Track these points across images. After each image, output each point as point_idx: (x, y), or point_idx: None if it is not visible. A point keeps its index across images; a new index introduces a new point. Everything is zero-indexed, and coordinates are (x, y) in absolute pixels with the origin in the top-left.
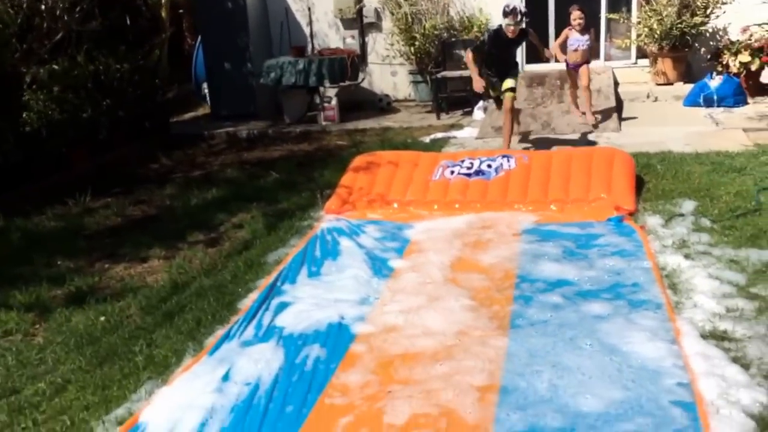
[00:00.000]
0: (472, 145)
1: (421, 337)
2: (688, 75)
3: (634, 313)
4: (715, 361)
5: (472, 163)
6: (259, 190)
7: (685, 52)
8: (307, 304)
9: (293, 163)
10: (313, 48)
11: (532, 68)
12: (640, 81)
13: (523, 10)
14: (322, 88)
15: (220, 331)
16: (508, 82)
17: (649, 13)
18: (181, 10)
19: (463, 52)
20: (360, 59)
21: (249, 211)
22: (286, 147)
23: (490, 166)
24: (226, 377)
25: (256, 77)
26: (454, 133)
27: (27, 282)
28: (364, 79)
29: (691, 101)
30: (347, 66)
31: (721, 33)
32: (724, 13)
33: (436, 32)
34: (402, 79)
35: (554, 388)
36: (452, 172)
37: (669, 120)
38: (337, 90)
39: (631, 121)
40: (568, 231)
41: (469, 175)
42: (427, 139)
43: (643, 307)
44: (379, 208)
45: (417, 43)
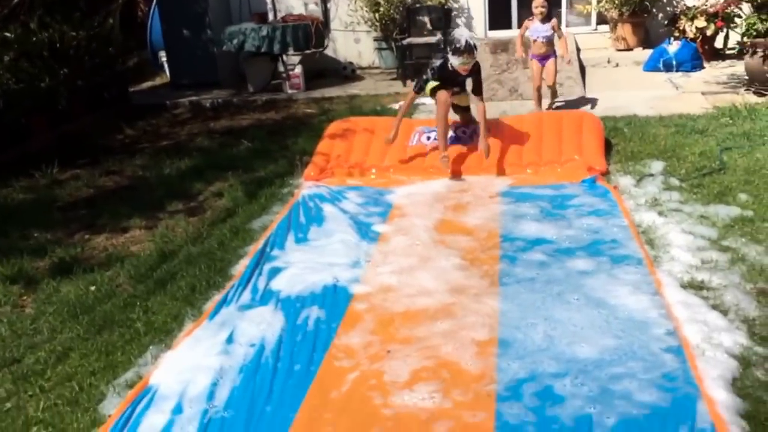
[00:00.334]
0: None
1: (418, 297)
2: (647, 41)
3: (616, 268)
4: (696, 309)
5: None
6: (234, 159)
7: (644, 17)
8: (300, 268)
9: (264, 132)
10: (275, 14)
11: (495, 34)
12: (600, 47)
13: (476, 44)
14: (285, 56)
15: (217, 297)
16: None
17: None
18: None
19: (427, 19)
20: (324, 26)
21: (226, 179)
22: (254, 116)
23: (465, 132)
24: (230, 340)
25: (218, 44)
26: (422, 100)
27: (5, 254)
28: (327, 46)
29: (651, 66)
30: (311, 33)
31: None
32: None
33: None
34: (366, 46)
35: (549, 338)
36: (428, 138)
37: (631, 85)
38: (300, 57)
39: (594, 86)
40: (544, 192)
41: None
42: (396, 106)
43: (624, 262)
44: (358, 175)
45: (381, 9)
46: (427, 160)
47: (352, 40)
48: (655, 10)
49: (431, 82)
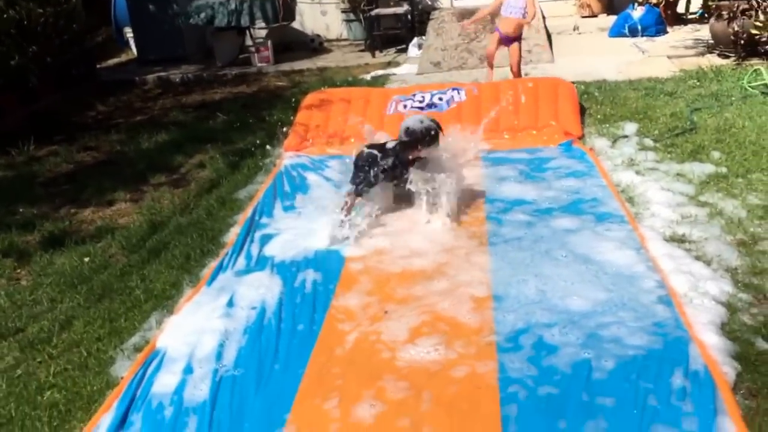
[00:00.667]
0: (413, 81)
1: (412, 258)
2: (611, 7)
3: (600, 225)
4: (681, 260)
5: (424, 97)
6: (211, 132)
7: None
8: (291, 235)
9: (238, 105)
10: None
11: (461, 4)
12: (565, 14)
13: (434, 127)
14: (252, 30)
15: (213, 263)
16: None
17: None
18: None
19: None
20: None
21: (206, 152)
22: (225, 90)
23: (441, 99)
24: (231, 304)
25: (185, 19)
26: (393, 70)
27: None
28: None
29: (616, 32)
30: (280, 6)
31: None
32: None
33: None
34: (332, 18)
35: (542, 293)
36: (405, 106)
37: (598, 50)
38: (267, 31)
39: (562, 52)
40: (522, 156)
41: (422, 108)
42: (368, 77)
43: (607, 219)
44: (338, 144)
45: None
46: None
47: (319, 13)
48: None
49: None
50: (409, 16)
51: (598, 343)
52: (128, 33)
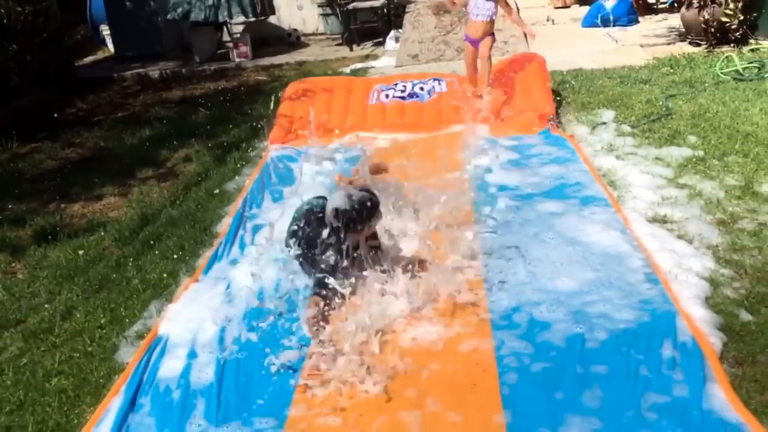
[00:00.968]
0: (392, 73)
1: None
2: None
3: (585, 209)
4: (664, 239)
5: (405, 86)
6: (195, 126)
7: None
8: (281, 224)
9: (219, 100)
10: None
11: None
12: (538, 5)
13: (367, 197)
14: (230, 25)
15: (208, 253)
16: None
17: None
18: None
19: None
20: None
21: (191, 146)
22: (205, 85)
23: (422, 89)
24: (229, 290)
25: (163, 14)
26: (372, 63)
27: None
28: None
29: (589, 22)
30: (257, 1)
31: None
32: None
33: None
34: (309, 12)
35: (532, 274)
36: (387, 96)
37: (572, 41)
38: (245, 26)
39: (537, 43)
40: (504, 144)
41: (404, 98)
42: (347, 70)
43: (591, 203)
44: (321, 135)
45: None
46: (387, 117)
47: (295, 7)
48: None
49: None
50: (386, 10)
51: (589, 319)
52: (104, 30)
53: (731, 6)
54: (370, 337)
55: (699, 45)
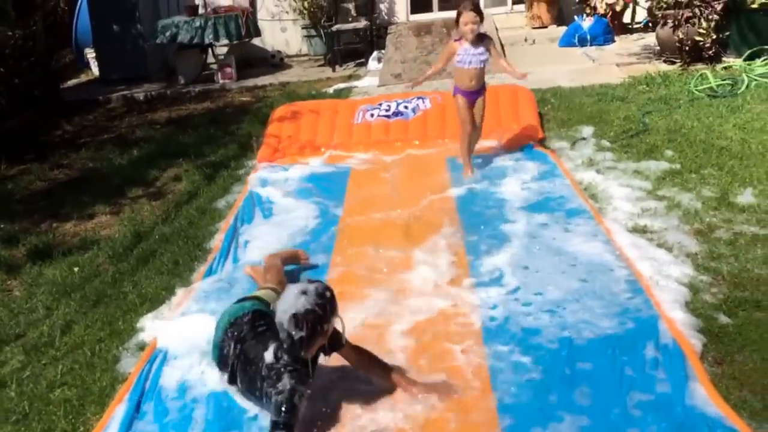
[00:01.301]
0: (375, 93)
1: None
2: (560, 18)
3: (569, 220)
4: (645, 248)
5: (390, 106)
6: (182, 147)
7: None
8: (272, 239)
9: (206, 120)
10: (206, 6)
11: (417, 18)
12: (516, 26)
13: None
14: (215, 47)
15: (202, 268)
16: None
17: None
18: None
19: (352, 5)
20: (254, 16)
21: (179, 166)
22: (191, 106)
23: (407, 107)
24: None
25: (152, 38)
26: (355, 83)
27: None
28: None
29: (567, 42)
30: (243, 22)
31: None
32: None
33: None
34: (292, 34)
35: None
36: (372, 115)
37: (550, 60)
38: (229, 48)
39: (516, 62)
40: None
41: (388, 117)
42: (331, 90)
43: (575, 215)
44: (310, 153)
45: None
46: (372, 135)
47: (279, 29)
48: None
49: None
50: (368, 31)
51: (576, 324)
52: (88, 54)
53: (704, 25)
54: None
55: (674, 63)
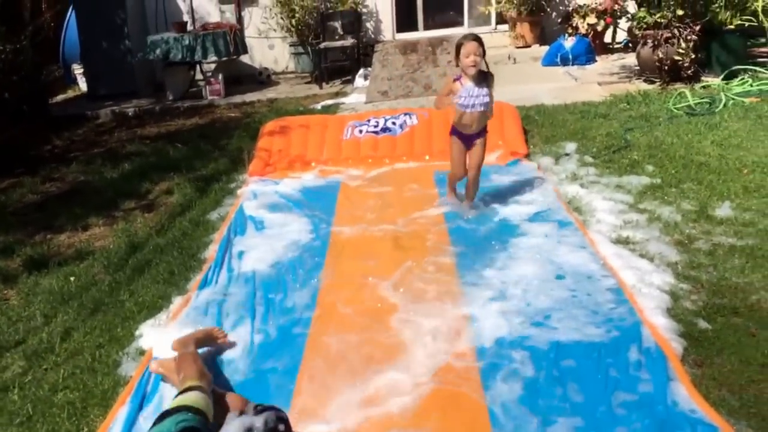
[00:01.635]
0: (363, 110)
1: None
2: (543, 37)
3: (555, 232)
4: (627, 258)
5: (378, 122)
6: (173, 161)
7: (541, 16)
8: (266, 250)
9: (195, 135)
10: (194, 23)
11: (403, 36)
12: (500, 45)
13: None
14: (203, 63)
15: (198, 277)
16: None
17: None
18: None
19: (338, 24)
20: (241, 33)
21: (170, 179)
22: (179, 122)
23: (395, 123)
24: (220, 312)
25: (143, 54)
26: (342, 100)
27: None
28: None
29: (549, 61)
30: (231, 39)
31: None
32: None
33: (314, 4)
34: (279, 52)
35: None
36: (361, 131)
37: (533, 78)
38: (216, 64)
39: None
40: None
41: (377, 133)
42: (318, 107)
43: (561, 227)
44: (300, 168)
45: (297, 16)
46: (361, 150)
47: (267, 47)
48: (549, 9)
49: None
50: (355, 49)
51: (563, 329)
52: (76, 70)
53: (683, 46)
54: None
55: (653, 82)
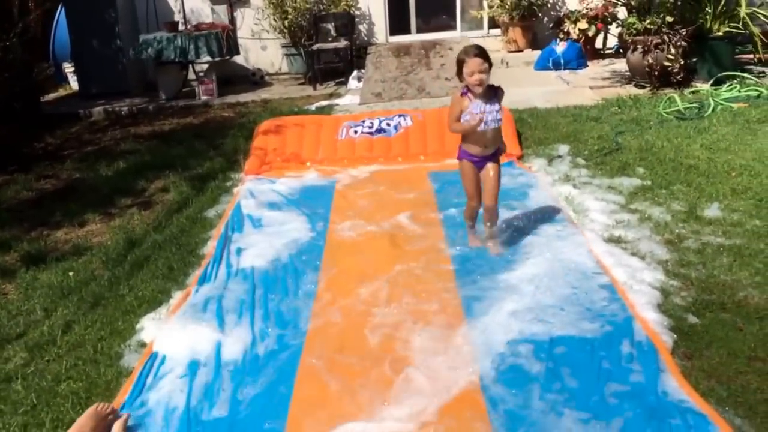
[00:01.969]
0: (357, 111)
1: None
2: (535, 42)
3: (548, 230)
4: (620, 256)
5: (373, 123)
6: (168, 159)
7: (533, 21)
8: (264, 247)
9: (190, 135)
10: (186, 23)
11: (396, 39)
12: (493, 49)
13: None
14: (195, 63)
15: (197, 272)
16: None
17: None
18: None
19: (332, 26)
20: (234, 33)
21: (166, 177)
22: (173, 121)
23: (389, 125)
24: (220, 307)
25: (135, 53)
26: (336, 101)
27: None
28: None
29: (541, 65)
30: (224, 40)
31: (560, 3)
32: None
33: (307, 6)
34: (272, 53)
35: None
36: (356, 132)
37: (526, 82)
38: (209, 65)
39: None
40: None
41: (371, 134)
42: (313, 107)
43: (555, 225)
44: (295, 168)
45: (290, 18)
46: (357, 151)
47: (259, 48)
48: (541, 14)
49: None
50: (348, 51)
51: (558, 323)
52: (67, 68)
53: (673, 52)
54: None
55: (644, 87)
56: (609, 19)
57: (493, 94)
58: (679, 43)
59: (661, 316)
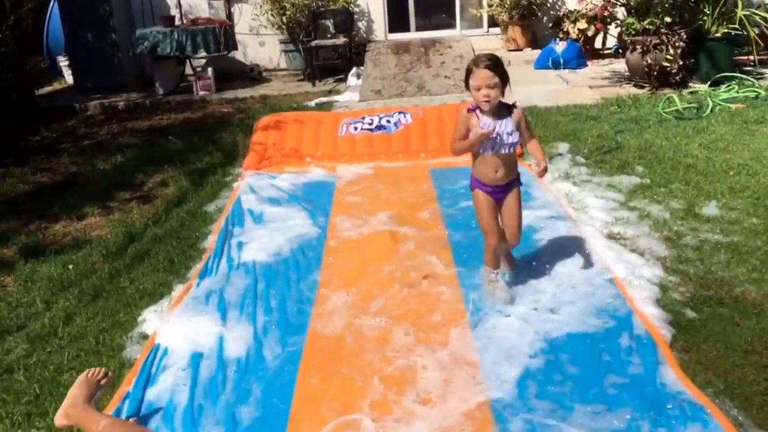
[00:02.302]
0: (357, 108)
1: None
2: (534, 41)
3: (549, 227)
4: (619, 252)
5: (373, 120)
6: (167, 153)
7: (532, 20)
8: (264, 242)
9: (188, 129)
10: (182, 18)
11: (395, 37)
12: (493, 48)
13: None
14: (193, 59)
15: (198, 266)
16: None
17: None
18: None
19: (330, 22)
20: (232, 29)
21: (165, 171)
22: (171, 116)
23: (389, 122)
24: (222, 300)
25: (132, 47)
26: (335, 98)
27: None
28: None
29: (541, 64)
30: (221, 35)
31: (560, 3)
32: None
33: (306, 1)
34: (270, 49)
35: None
36: (356, 128)
37: (526, 81)
38: (206, 60)
39: None
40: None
41: (372, 130)
42: (312, 104)
43: (556, 222)
44: (295, 163)
45: (288, 13)
46: (357, 148)
47: (257, 44)
48: (540, 14)
49: None
50: (347, 48)
51: (560, 316)
52: (61, 62)
53: (671, 52)
54: None
55: (643, 87)
56: (608, 19)
57: (507, 112)
58: (677, 44)
59: (660, 311)
